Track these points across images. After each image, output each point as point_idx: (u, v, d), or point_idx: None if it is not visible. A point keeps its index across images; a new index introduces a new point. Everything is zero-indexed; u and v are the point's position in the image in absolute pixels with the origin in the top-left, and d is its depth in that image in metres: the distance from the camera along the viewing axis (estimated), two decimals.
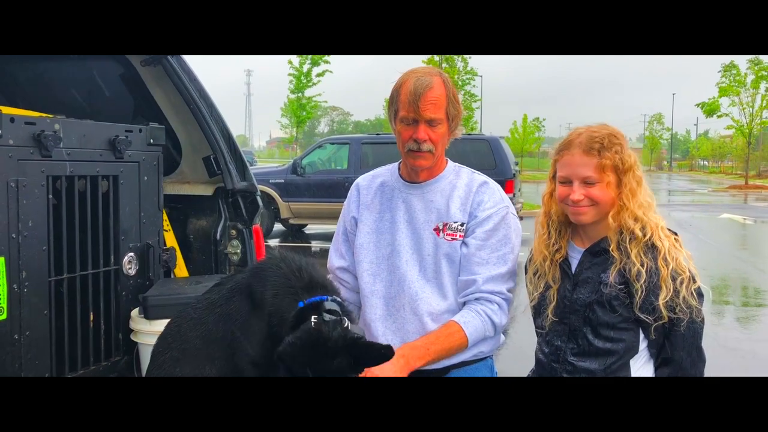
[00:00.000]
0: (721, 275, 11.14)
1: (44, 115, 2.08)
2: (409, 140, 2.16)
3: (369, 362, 1.77)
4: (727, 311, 8.62)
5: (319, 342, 1.63)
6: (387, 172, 2.39)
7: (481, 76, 41.28)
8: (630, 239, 2.01)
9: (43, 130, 1.92)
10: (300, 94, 35.78)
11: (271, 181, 14.07)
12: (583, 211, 2.04)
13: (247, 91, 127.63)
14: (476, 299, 2.16)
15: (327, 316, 1.69)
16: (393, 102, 2.21)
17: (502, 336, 2.38)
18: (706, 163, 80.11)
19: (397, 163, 2.33)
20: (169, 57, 2.52)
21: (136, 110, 2.77)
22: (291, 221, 14.10)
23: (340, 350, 1.65)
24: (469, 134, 19.88)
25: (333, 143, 15.00)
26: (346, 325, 1.70)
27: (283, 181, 13.94)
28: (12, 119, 1.85)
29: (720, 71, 35.93)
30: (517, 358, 4.55)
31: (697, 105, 36.45)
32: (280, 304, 1.75)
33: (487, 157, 12.20)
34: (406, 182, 2.29)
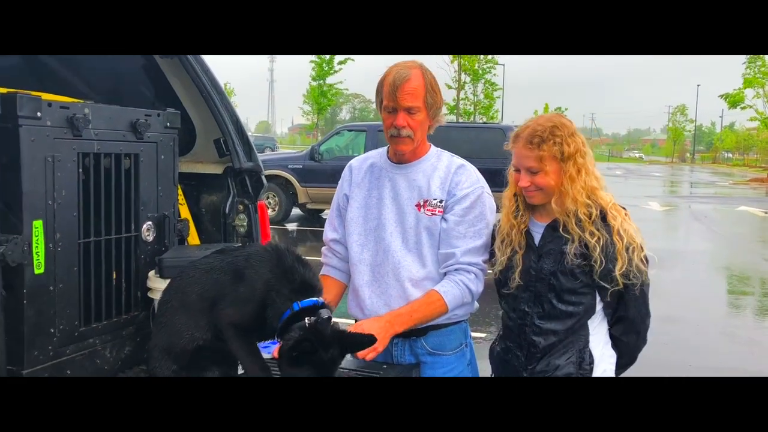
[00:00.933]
0: (727, 265, 11.19)
1: (76, 100, 2.38)
2: (391, 127, 2.43)
3: (356, 349, 2.06)
4: (743, 303, 8.67)
5: (316, 338, 1.89)
6: (377, 154, 2.66)
7: (503, 65, 41.02)
8: (577, 220, 2.27)
9: (75, 114, 2.21)
10: (321, 82, 35.92)
11: (289, 166, 14.32)
12: (531, 195, 2.33)
13: (271, 78, 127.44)
14: (456, 270, 2.43)
15: (323, 313, 1.96)
16: (378, 93, 2.48)
17: (476, 303, 2.64)
18: (730, 155, 78.59)
19: (386, 147, 2.61)
20: None
21: (156, 96, 3.06)
22: (308, 206, 14.36)
23: (333, 343, 1.93)
24: (485, 123, 19.96)
25: (350, 130, 15.21)
26: (332, 321, 1.98)
27: (301, 166, 14.18)
28: (49, 104, 2.14)
29: (745, 62, 35.40)
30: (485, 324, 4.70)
31: (721, 96, 35.93)
32: (273, 298, 1.99)
33: (502, 146, 12.33)
34: (392, 163, 2.56)
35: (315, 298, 2.00)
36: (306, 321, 1.94)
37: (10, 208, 2.06)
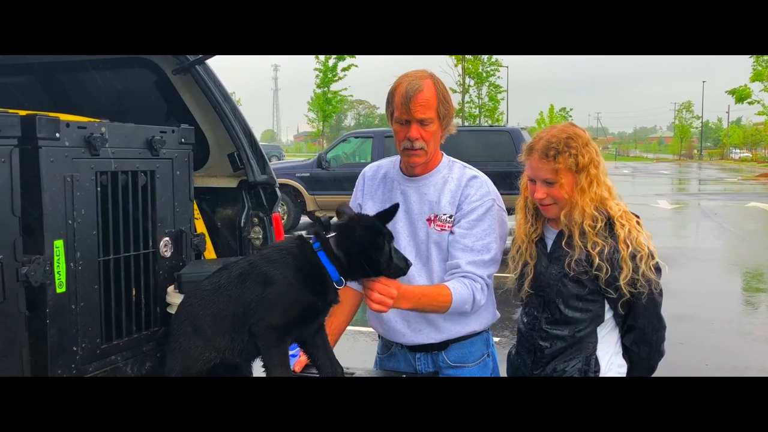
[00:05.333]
0: (740, 261, 11.13)
1: (93, 120, 2.40)
2: (404, 139, 2.40)
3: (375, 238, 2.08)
4: (757, 300, 8.62)
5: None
6: (390, 164, 2.64)
7: (507, 67, 41.01)
8: (581, 233, 2.27)
9: (92, 133, 2.23)
10: (326, 89, 35.98)
11: (297, 174, 14.34)
12: (547, 209, 2.33)
13: (275, 86, 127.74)
14: (462, 276, 2.37)
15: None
16: (389, 104, 2.45)
17: (497, 312, 2.62)
18: (737, 151, 78.21)
19: (398, 156, 2.59)
20: (196, 66, 2.83)
21: (169, 113, 3.09)
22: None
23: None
24: (492, 126, 19.94)
25: (357, 137, 15.23)
26: None
27: (308, 174, 14.20)
28: (68, 125, 2.16)
29: (752, 56, 35.26)
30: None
31: (728, 92, 35.81)
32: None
33: (509, 149, 12.30)
34: (404, 175, 2.54)
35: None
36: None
37: (32, 228, 2.08)
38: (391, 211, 2.13)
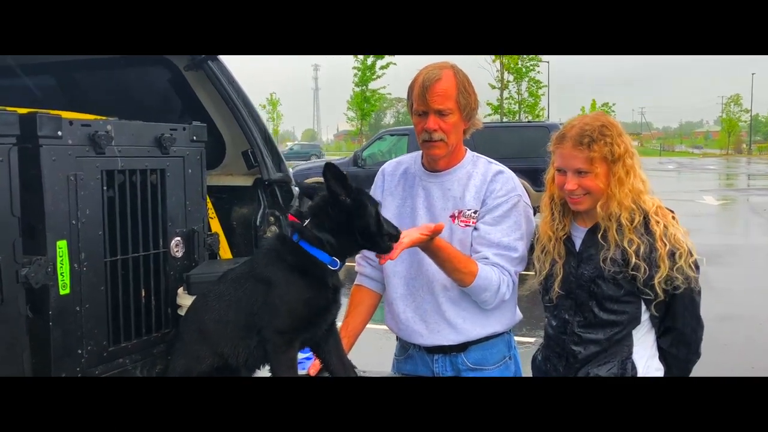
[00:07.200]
0: None
1: (99, 117, 2.36)
2: (423, 131, 2.31)
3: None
4: None
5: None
6: (411, 159, 2.55)
7: (548, 62, 40.45)
8: (618, 226, 2.14)
9: (97, 131, 2.18)
10: (364, 87, 36.07)
11: None
12: (579, 201, 2.20)
13: (315, 86, 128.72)
14: (491, 264, 2.27)
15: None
16: (409, 96, 2.37)
17: (519, 314, 2.52)
18: None
19: (421, 151, 2.49)
20: (209, 61, 2.78)
21: (183, 110, 3.04)
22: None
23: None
24: (530, 122, 19.69)
25: (393, 134, 15.17)
26: None
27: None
28: (71, 122, 2.11)
29: None
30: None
31: None
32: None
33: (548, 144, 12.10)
34: (426, 171, 2.44)
35: None
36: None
37: (34, 228, 2.04)
38: None
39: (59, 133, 2.07)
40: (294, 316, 1.94)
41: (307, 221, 1.97)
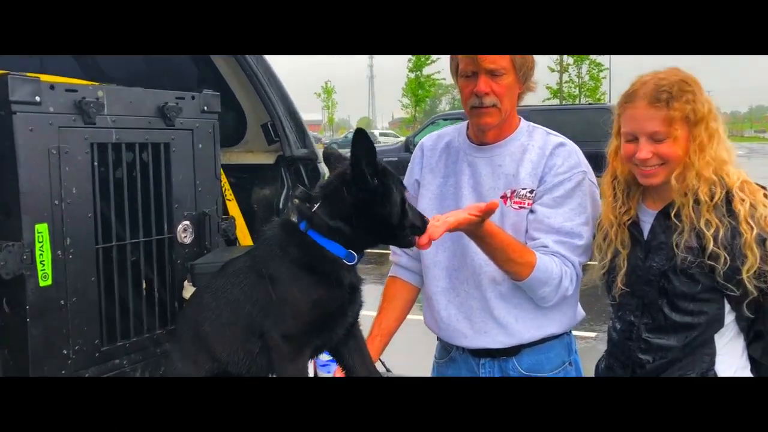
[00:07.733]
0: None
1: (87, 82, 2.09)
2: (471, 96, 1.97)
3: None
4: None
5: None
6: (454, 131, 2.21)
7: None
8: (695, 203, 1.75)
9: (85, 97, 1.91)
10: (418, 73, 35.83)
11: (384, 159, 14.10)
12: (653, 172, 1.81)
13: (370, 74, 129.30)
14: (551, 254, 1.94)
15: None
16: (453, 57, 2.03)
17: (582, 312, 2.16)
18: None
19: (466, 122, 2.15)
20: None
21: (200, 79, 2.76)
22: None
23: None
24: (591, 104, 19.09)
25: (446, 119, 14.93)
26: None
27: (396, 158, 14.02)
28: (52, 86, 1.85)
29: None
30: None
31: None
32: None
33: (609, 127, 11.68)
34: (473, 144, 2.10)
35: None
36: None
37: (8, 210, 1.78)
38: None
39: (37, 98, 1.81)
40: (301, 319, 1.60)
41: (317, 206, 1.62)
